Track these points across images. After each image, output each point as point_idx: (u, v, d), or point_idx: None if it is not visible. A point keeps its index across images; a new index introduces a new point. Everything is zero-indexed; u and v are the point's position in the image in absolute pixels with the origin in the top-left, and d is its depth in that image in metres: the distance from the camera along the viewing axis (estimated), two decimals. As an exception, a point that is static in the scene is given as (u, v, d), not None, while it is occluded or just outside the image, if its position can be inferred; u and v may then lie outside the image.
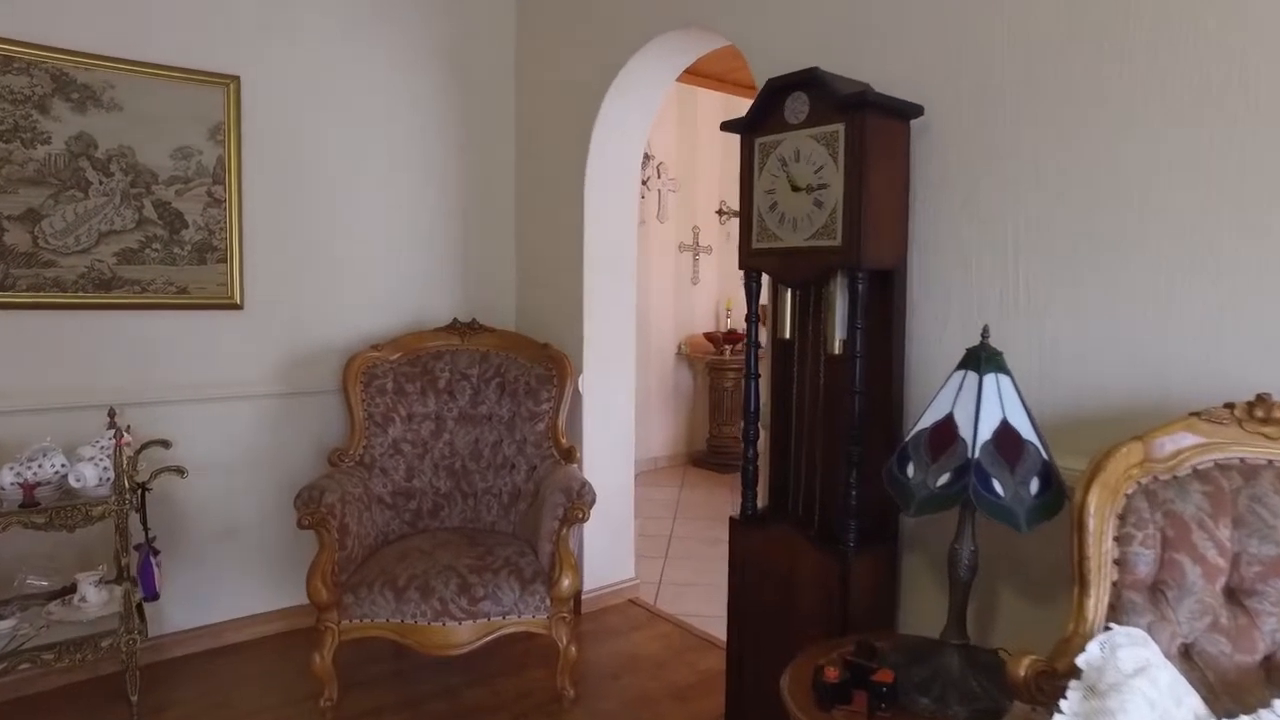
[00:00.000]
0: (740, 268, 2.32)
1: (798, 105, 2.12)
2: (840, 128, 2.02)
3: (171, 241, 2.97)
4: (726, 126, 2.33)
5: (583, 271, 3.45)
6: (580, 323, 3.48)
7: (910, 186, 2.18)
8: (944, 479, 1.61)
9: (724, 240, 6.73)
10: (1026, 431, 1.63)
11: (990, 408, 1.62)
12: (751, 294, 2.30)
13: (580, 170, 3.43)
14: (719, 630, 3.48)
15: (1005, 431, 1.61)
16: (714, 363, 6.24)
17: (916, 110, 2.11)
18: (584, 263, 3.44)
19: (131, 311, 2.93)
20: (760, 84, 2.32)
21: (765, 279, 2.35)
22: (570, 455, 3.18)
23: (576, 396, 3.40)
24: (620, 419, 3.67)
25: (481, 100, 3.75)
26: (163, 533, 3.00)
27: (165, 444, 2.83)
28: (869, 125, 1.99)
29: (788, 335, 2.30)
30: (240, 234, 3.11)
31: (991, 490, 1.57)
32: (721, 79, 6.41)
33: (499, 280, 3.86)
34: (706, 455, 6.48)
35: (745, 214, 2.29)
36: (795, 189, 2.13)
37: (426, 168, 3.61)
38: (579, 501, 2.78)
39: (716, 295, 6.73)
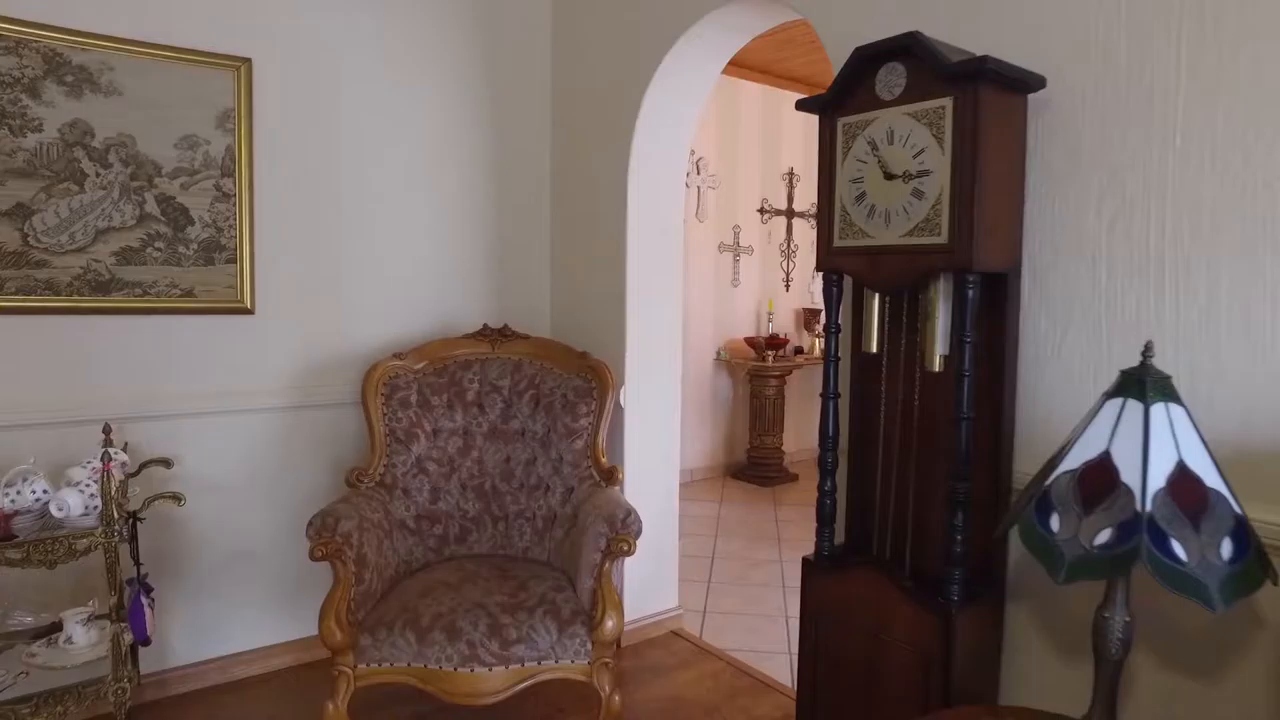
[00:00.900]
0: (819, 269, 2.00)
1: (892, 78, 1.79)
2: (947, 103, 1.69)
3: (176, 240, 2.70)
4: (803, 105, 2.01)
5: (625, 273, 3.14)
6: (622, 329, 3.17)
7: (1025, 174, 1.84)
8: (1104, 536, 1.28)
9: (765, 240, 6.40)
10: (1211, 478, 1.28)
11: (1162, 446, 1.28)
12: (832, 300, 1.97)
13: (623, 161, 3.12)
14: (773, 669, 3.17)
15: (1183, 477, 1.27)
16: (755, 369, 5.91)
17: (1039, 82, 1.77)
18: (626, 263, 3.13)
19: (132, 316, 2.66)
20: (837, 59, 1.99)
21: (848, 283, 2.03)
22: (612, 477, 2.87)
23: (617, 410, 3.09)
24: (665, 435, 3.35)
25: (514, 88, 3.45)
26: (166, 558, 2.74)
27: (166, 463, 2.55)
28: (984, 100, 1.66)
29: (874, 349, 1.97)
30: (251, 231, 2.84)
31: (1171, 554, 1.23)
32: (766, 70, 6.08)
33: (532, 283, 3.56)
34: (746, 467, 6.15)
35: (825, 207, 1.96)
36: (889, 177, 1.81)
37: (455, 162, 3.32)
38: (623, 533, 2.47)
39: (758, 298, 6.39)
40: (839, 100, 1.91)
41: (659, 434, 3.32)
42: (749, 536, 4.80)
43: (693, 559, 4.33)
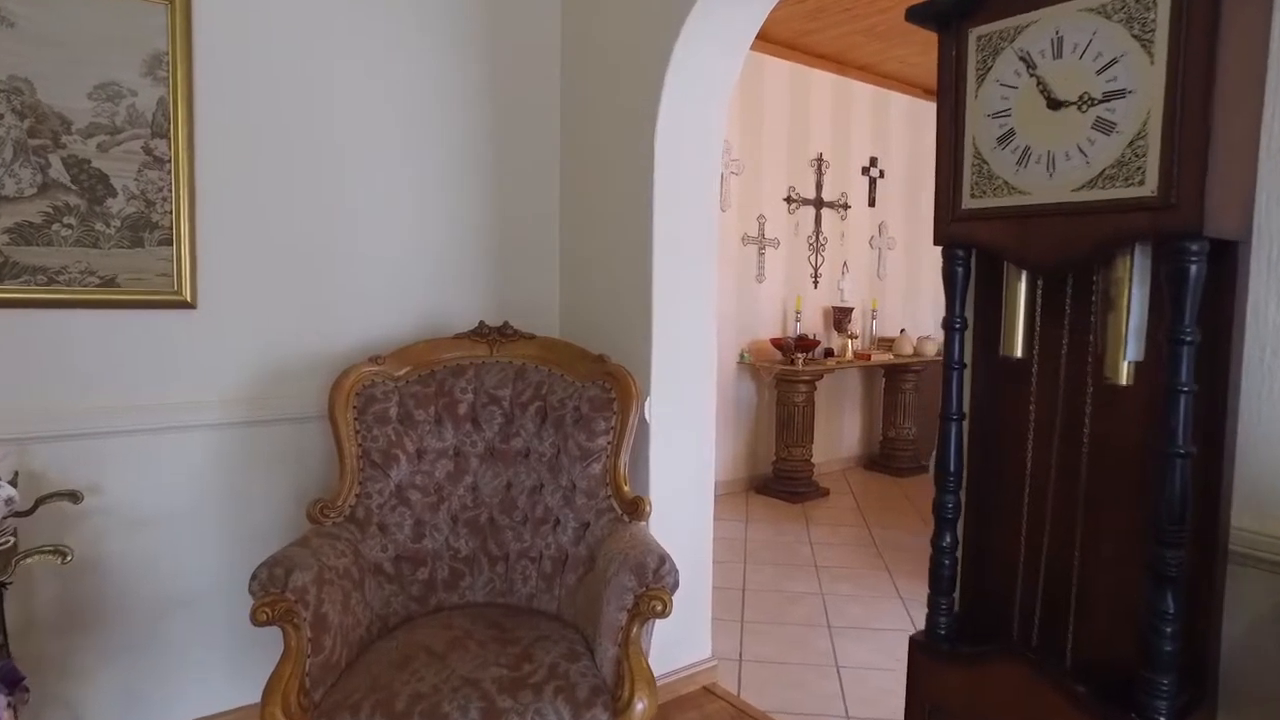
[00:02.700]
0: (938, 242, 1.45)
1: (1062, -41, 1.24)
2: (1160, -13, 1.14)
3: (92, 215, 2.15)
4: (915, 14, 1.45)
5: (650, 260, 2.58)
6: (647, 328, 2.61)
7: (1264, 96, 1.29)
8: None
9: (792, 232, 5.84)
10: None
11: None
12: (956, 285, 1.42)
13: (649, 126, 2.56)
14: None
15: None
16: (783, 374, 5.35)
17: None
18: (652, 248, 2.57)
19: (33, 310, 2.11)
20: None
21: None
22: (637, 510, 2.32)
23: (641, 426, 2.54)
24: (698, 456, 2.79)
25: (517, 39, 2.90)
26: (84, 610, 2.20)
27: (74, 497, 2.01)
28: (1219, -22, 1.10)
29: (1018, 352, 1.42)
30: (192, 206, 2.29)
31: None
32: (792, 45, 5.53)
33: (538, 272, 3.00)
34: (772, 481, 5.59)
35: (947, 158, 1.42)
36: (1055, 104, 1.26)
37: (447, 127, 2.77)
38: (655, 588, 1.92)
39: (784, 294, 5.83)
40: (971, 1, 1.36)
41: (690, 454, 2.76)
42: (782, 563, 4.24)
43: (721, 591, 3.77)
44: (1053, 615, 1.43)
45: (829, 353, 5.75)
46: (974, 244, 1.39)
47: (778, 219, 5.75)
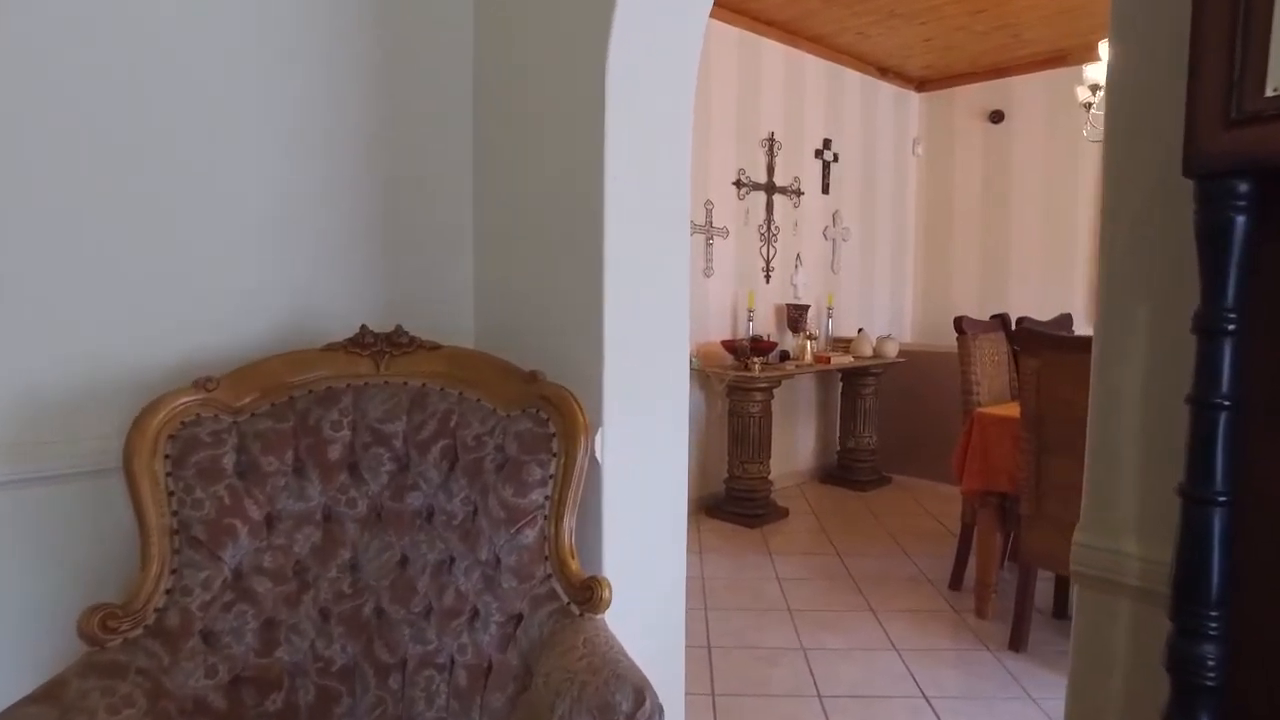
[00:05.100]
0: (1195, 170, 0.78)
1: None
2: None
3: None
4: None
5: (602, 235, 1.85)
6: (597, 330, 1.88)
7: None
8: None
9: (742, 220, 5.21)
10: None
11: None
12: (1232, 243, 0.77)
13: (598, 47, 1.84)
14: None
15: None
16: (738, 381, 4.70)
17: None
18: (604, 217, 1.85)
19: None
20: None
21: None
22: (591, 597, 1.59)
23: (592, 469, 1.82)
24: (671, 509, 2.08)
25: (412, -54, 2.14)
26: None
27: None
28: None
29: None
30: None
31: None
32: (740, 9, 4.89)
33: (445, 259, 2.25)
34: (725, 502, 4.94)
35: (1218, 28, 0.74)
36: None
37: (317, 59, 1.99)
38: (632, 744, 1.22)
39: (734, 290, 5.19)
40: None
41: (662, 506, 2.05)
42: (749, 608, 3.58)
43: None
44: None
45: (785, 355, 5.13)
46: (1274, 161, 0.73)
47: (726, 205, 5.10)
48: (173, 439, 1.60)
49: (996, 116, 6.05)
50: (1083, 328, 5.28)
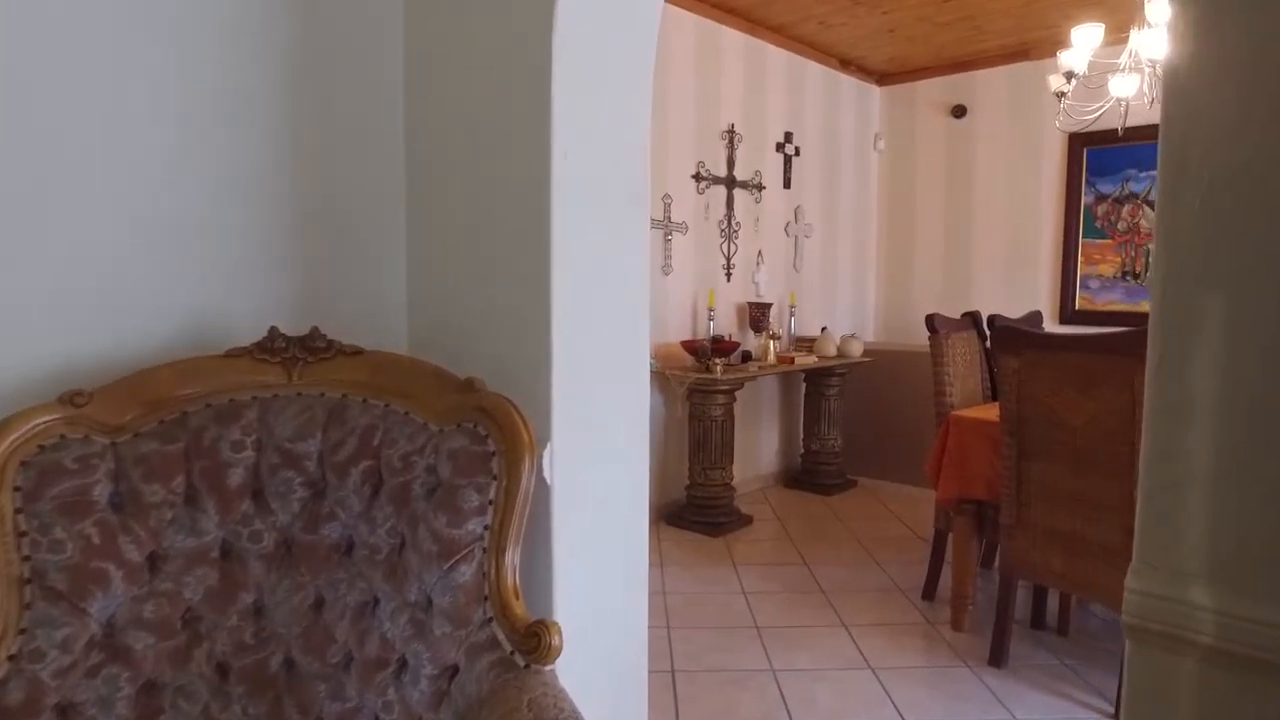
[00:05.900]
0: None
1: None
2: None
3: None
4: None
5: (549, 217, 1.61)
6: (544, 329, 1.64)
7: None
8: None
9: (702, 216, 4.99)
10: None
11: None
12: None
13: (543, 10, 1.60)
14: None
15: None
16: (699, 383, 4.48)
17: None
18: (551, 197, 1.61)
19: None
20: None
21: None
22: (538, 646, 1.35)
23: (540, 492, 1.58)
24: (625, 535, 1.85)
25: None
26: None
27: None
28: None
29: None
30: None
31: None
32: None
33: (369, 250, 1.98)
34: (686, 509, 4.72)
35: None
36: None
37: (225, 53, 1.72)
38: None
39: (694, 289, 4.98)
40: None
41: (616, 533, 1.82)
42: (714, 625, 3.37)
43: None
44: None
45: (747, 356, 4.93)
46: None
47: (685, 199, 4.88)
48: (25, 466, 1.33)
49: (959, 111, 5.93)
50: (1051, 325, 5.19)
